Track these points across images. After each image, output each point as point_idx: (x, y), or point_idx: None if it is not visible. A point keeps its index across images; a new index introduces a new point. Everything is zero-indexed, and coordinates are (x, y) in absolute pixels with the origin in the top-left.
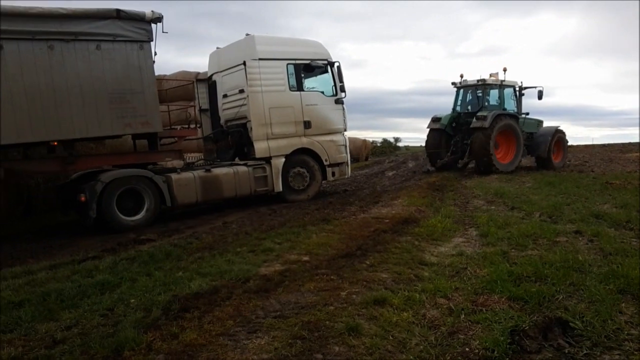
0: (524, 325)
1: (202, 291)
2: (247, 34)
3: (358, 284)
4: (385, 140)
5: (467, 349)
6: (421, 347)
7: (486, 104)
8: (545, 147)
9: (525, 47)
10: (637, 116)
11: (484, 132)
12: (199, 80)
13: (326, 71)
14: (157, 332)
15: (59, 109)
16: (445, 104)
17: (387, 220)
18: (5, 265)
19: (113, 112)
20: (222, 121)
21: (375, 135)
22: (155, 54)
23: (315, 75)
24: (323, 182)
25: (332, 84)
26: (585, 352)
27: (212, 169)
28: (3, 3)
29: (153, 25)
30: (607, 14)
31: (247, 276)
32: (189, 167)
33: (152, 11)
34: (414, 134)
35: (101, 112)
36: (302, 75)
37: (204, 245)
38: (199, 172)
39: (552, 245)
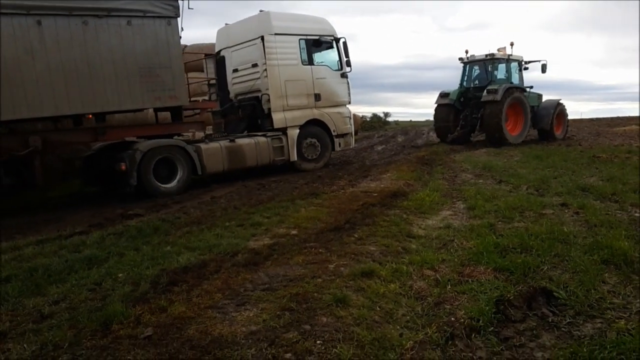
0: (509, 295)
1: (190, 265)
2: (260, 10)
3: (346, 257)
4: (374, 115)
5: (452, 318)
6: (408, 317)
7: (494, 78)
8: (548, 120)
9: (514, 21)
10: (625, 91)
11: (495, 105)
12: (207, 55)
13: (332, 47)
14: (146, 306)
15: (94, 82)
16: (435, 79)
17: (376, 194)
18: None
19: (144, 85)
20: (231, 95)
21: (364, 110)
22: (182, 29)
23: (322, 50)
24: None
25: (338, 58)
26: (568, 320)
27: (236, 140)
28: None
29: (180, 2)
30: None
31: (235, 250)
32: (208, 138)
33: None
34: (403, 108)
35: (133, 85)
36: (312, 50)
37: (192, 219)
38: (225, 142)
39: (538, 217)
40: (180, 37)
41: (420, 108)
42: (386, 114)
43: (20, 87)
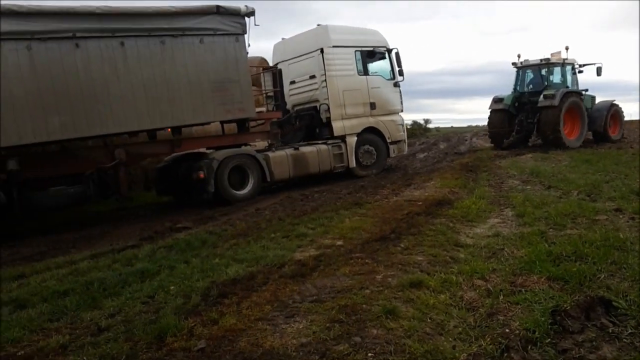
0: (565, 305)
1: (239, 277)
2: (318, 25)
3: (393, 267)
4: (415, 122)
5: (507, 330)
6: (460, 329)
7: (549, 82)
8: (601, 122)
9: (557, 21)
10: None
11: (553, 110)
12: (265, 69)
13: (384, 57)
14: (198, 318)
15: (171, 98)
16: (475, 84)
17: (420, 203)
18: (48, 256)
19: (215, 99)
20: (288, 106)
21: (405, 118)
22: (249, 45)
23: (376, 61)
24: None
25: (390, 68)
26: (630, 331)
27: (300, 148)
28: (124, 3)
29: (247, 19)
30: None
31: (282, 261)
32: (274, 147)
33: (245, 6)
34: (444, 114)
35: (206, 100)
36: (367, 60)
37: (238, 232)
38: (290, 151)
39: (591, 223)
40: (247, 53)
41: (461, 113)
42: (426, 121)
43: (107, 104)
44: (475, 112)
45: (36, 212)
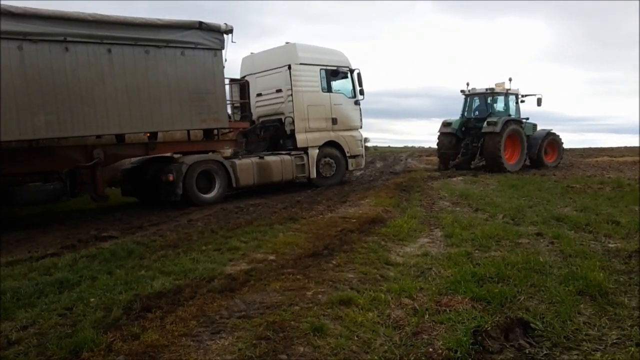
0: (486, 326)
1: (165, 290)
2: (287, 42)
3: (324, 284)
4: None
5: (430, 349)
6: (385, 347)
7: (493, 110)
8: (535, 149)
9: (489, 52)
10: (598, 122)
11: (494, 136)
12: (233, 80)
13: (347, 76)
14: (118, 332)
15: (152, 104)
16: (412, 106)
17: (354, 220)
18: None
19: (193, 109)
20: (254, 117)
21: None
22: (225, 60)
23: (339, 79)
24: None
25: (352, 87)
26: (545, 352)
27: (265, 157)
28: (114, 13)
29: (225, 36)
30: (570, 22)
31: (212, 275)
32: (240, 155)
33: (225, 24)
34: (381, 134)
35: (184, 108)
36: (330, 78)
37: (168, 243)
38: (255, 159)
39: (514, 246)
40: (224, 67)
41: (398, 134)
42: (365, 139)
43: (92, 107)
44: (411, 134)
45: (14, 206)
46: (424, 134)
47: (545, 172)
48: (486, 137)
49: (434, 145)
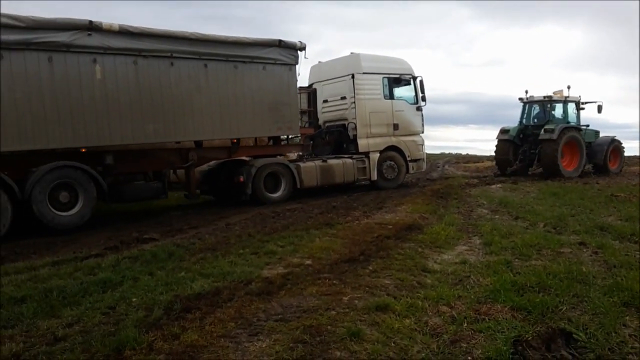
0: (527, 336)
1: (204, 292)
2: (351, 52)
3: (360, 290)
4: None
5: (469, 357)
6: (423, 354)
7: (552, 117)
8: (601, 155)
9: (529, 58)
10: (631, 130)
11: (551, 143)
12: (302, 89)
13: (409, 84)
14: (159, 332)
15: (239, 114)
16: (449, 113)
17: (391, 226)
18: (7, 261)
19: (271, 118)
20: (320, 122)
21: None
22: (299, 74)
23: (402, 86)
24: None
25: (414, 94)
26: None
27: (328, 160)
28: (212, 32)
29: (299, 52)
30: (608, 28)
31: (249, 278)
32: (305, 158)
33: (299, 41)
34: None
35: (264, 117)
36: (393, 86)
37: (206, 246)
38: (318, 162)
39: (556, 255)
40: (297, 81)
41: (435, 141)
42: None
43: (190, 116)
44: (448, 140)
45: (123, 202)
46: (461, 141)
47: (588, 181)
48: (544, 144)
49: (472, 152)
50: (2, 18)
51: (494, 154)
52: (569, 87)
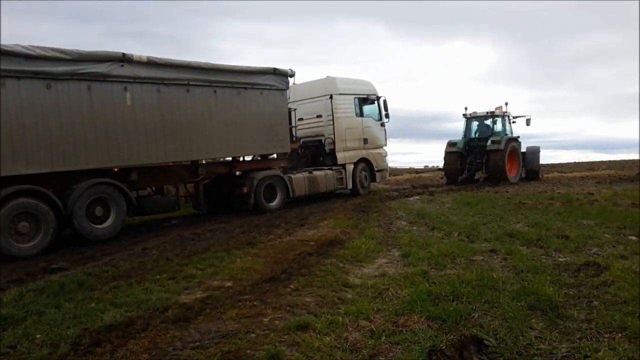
0: (441, 345)
1: (115, 323)
2: (327, 76)
3: (281, 309)
4: None
5: None
6: None
7: (493, 131)
8: (536, 162)
9: (442, 73)
10: (546, 139)
11: (499, 153)
12: None
13: (374, 102)
14: None
15: (242, 134)
16: None
17: (313, 243)
18: None
19: (268, 137)
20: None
21: None
22: (289, 98)
23: (368, 105)
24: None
25: (379, 111)
26: None
27: (313, 172)
28: (216, 61)
29: (290, 79)
30: (515, 45)
31: (165, 305)
32: (288, 170)
33: (290, 69)
34: None
35: (262, 137)
36: (362, 105)
37: (120, 273)
38: (306, 174)
39: (469, 264)
40: (288, 104)
41: None
42: None
43: (203, 137)
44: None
45: (144, 215)
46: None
47: (499, 190)
48: (491, 154)
49: (392, 165)
50: (51, 52)
51: (441, 165)
52: (506, 104)
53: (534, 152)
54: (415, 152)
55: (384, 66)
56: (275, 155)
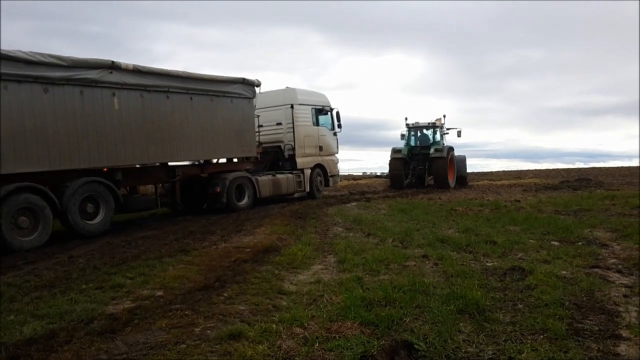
0: (372, 351)
1: (36, 336)
2: (287, 87)
3: (214, 318)
4: None
5: None
6: None
7: (433, 140)
8: (465, 170)
9: (377, 82)
10: (477, 149)
11: (442, 160)
12: None
13: (327, 113)
14: None
15: (215, 139)
16: None
17: (249, 250)
18: None
19: (237, 142)
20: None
21: None
22: (255, 106)
23: (323, 116)
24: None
25: (331, 122)
26: None
27: (276, 175)
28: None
29: (256, 88)
30: (446, 58)
31: (91, 316)
32: (255, 172)
33: (257, 79)
34: None
35: (232, 142)
36: (318, 115)
37: (43, 283)
38: (270, 176)
39: (402, 269)
40: (255, 111)
41: None
42: None
43: (180, 140)
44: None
45: (129, 212)
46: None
47: (432, 196)
48: (435, 161)
49: None
50: (49, 58)
51: (379, 172)
52: (444, 116)
53: (462, 160)
54: (354, 159)
55: (322, 73)
56: (236, 160)
